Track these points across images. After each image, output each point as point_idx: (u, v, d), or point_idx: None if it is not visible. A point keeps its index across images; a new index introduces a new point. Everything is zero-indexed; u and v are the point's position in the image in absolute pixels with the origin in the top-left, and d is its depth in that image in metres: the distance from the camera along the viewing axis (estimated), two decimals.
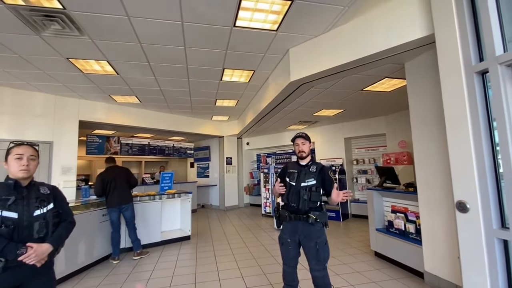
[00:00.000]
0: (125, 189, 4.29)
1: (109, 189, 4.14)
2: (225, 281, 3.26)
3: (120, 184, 4.21)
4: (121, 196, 4.17)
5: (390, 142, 6.50)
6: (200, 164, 10.84)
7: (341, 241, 4.88)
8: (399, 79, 4.10)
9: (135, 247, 4.27)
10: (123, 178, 4.30)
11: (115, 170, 4.36)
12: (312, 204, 2.17)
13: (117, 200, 4.13)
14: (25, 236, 1.45)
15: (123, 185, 4.25)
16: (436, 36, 2.25)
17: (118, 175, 4.27)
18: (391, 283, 3.10)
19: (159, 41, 3.35)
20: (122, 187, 4.23)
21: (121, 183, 4.23)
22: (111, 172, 4.28)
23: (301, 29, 3.21)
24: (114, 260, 4.10)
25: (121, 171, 4.40)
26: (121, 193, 4.18)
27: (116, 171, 4.34)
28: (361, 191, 7.40)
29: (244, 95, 5.80)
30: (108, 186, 4.14)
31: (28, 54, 3.61)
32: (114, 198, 4.12)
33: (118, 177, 4.23)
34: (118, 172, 4.33)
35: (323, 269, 2.13)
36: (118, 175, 4.27)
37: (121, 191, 4.20)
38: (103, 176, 4.23)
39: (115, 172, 4.30)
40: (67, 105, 5.59)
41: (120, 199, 4.15)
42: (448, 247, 2.78)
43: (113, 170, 4.35)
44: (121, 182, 4.23)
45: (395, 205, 3.79)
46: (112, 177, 4.20)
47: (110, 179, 4.18)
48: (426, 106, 3.02)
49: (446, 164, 2.67)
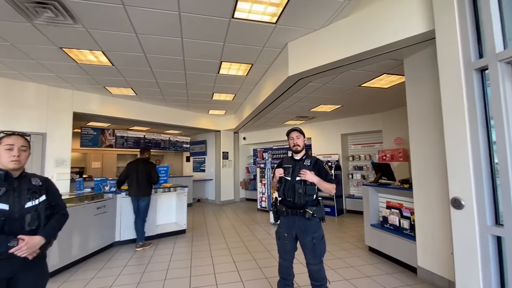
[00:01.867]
0: (144, 183, 4.44)
1: (130, 180, 4.41)
2: (220, 275, 3.26)
3: (140, 178, 4.41)
4: (138, 189, 4.39)
5: (386, 139, 6.54)
6: (196, 158, 10.79)
7: (335, 236, 4.92)
8: (397, 76, 4.09)
9: (139, 238, 4.39)
10: (145, 172, 4.46)
11: (140, 163, 4.55)
12: (308, 197, 2.17)
13: (134, 192, 4.39)
14: (17, 228, 1.41)
15: (143, 179, 4.43)
16: (436, 32, 2.23)
17: (141, 169, 4.46)
18: (384, 277, 3.14)
19: (155, 31, 3.28)
20: (141, 181, 4.42)
21: (141, 177, 4.42)
22: (136, 165, 4.52)
23: (300, 23, 3.17)
24: (137, 247, 4.30)
25: (145, 166, 4.54)
26: (138, 186, 4.39)
27: (140, 165, 4.51)
28: (356, 187, 7.46)
29: (242, 89, 5.75)
30: (130, 177, 4.41)
31: (20, 42, 3.51)
32: (133, 190, 4.39)
33: (140, 171, 4.43)
34: (142, 166, 4.50)
35: (319, 263, 2.14)
36: (141, 169, 4.46)
37: (139, 184, 4.40)
38: (129, 166, 4.51)
39: (139, 166, 4.50)
40: (60, 96, 5.48)
41: (137, 192, 4.39)
42: (441, 243, 2.81)
43: (139, 163, 4.55)
44: (141, 176, 4.42)
45: (390, 201, 3.82)
46: (135, 170, 4.43)
47: (133, 171, 4.42)
48: (424, 103, 3.02)
49: (442, 161, 2.69)
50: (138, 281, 3.13)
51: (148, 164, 4.61)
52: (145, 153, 4.76)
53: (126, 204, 4.62)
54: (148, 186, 4.49)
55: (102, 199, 4.32)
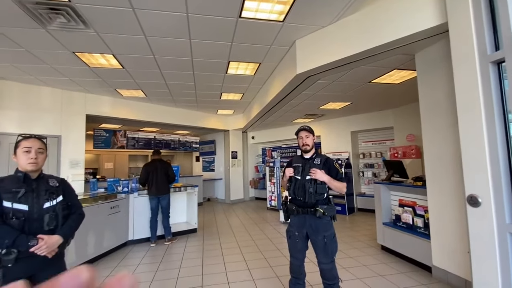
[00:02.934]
0: (163, 181, 4.64)
1: (151, 179, 4.57)
2: (231, 273, 3.29)
3: (160, 177, 4.60)
4: (159, 188, 4.57)
5: (398, 136, 6.41)
6: (206, 158, 10.88)
7: (347, 235, 4.87)
8: (408, 71, 4.00)
9: (167, 233, 4.64)
10: (163, 171, 4.65)
11: (157, 163, 4.72)
12: (319, 196, 2.16)
13: (155, 191, 4.55)
14: (36, 228, 1.46)
15: (162, 178, 4.62)
16: (450, 25, 2.16)
17: (159, 168, 4.65)
18: (398, 276, 3.08)
19: (164, 33, 3.32)
20: (161, 179, 4.60)
21: (161, 176, 4.61)
22: (153, 164, 4.70)
23: (308, 20, 3.14)
24: (152, 243, 4.50)
25: (162, 165, 4.73)
26: (159, 185, 4.57)
27: (158, 164, 4.70)
28: (367, 185, 7.35)
29: (250, 88, 5.75)
30: (149, 177, 4.57)
31: (35, 48, 3.63)
32: (153, 189, 4.55)
33: (158, 170, 4.62)
34: (159, 166, 4.69)
35: (331, 262, 2.13)
36: (160, 168, 4.66)
37: (159, 183, 4.59)
38: (147, 167, 4.69)
39: (157, 165, 4.68)
40: (74, 100, 5.63)
41: (158, 190, 4.56)
42: (457, 242, 2.74)
43: (155, 163, 4.72)
44: (161, 175, 4.61)
45: (402, 199, 3.75)
46: (154, 169, 4.62)
47: (152, 171, 4.60)
48: (437, 98, 2.95)
49: (457, 157, 2.62)
50: (152, 278, 3.20)
51: (165, 164, 4.82)
52: (160, 154, 4.95)
53: (139, 204, 4.72)
54: (166, 184, 4.70)
55: (115, 199, 4.43)
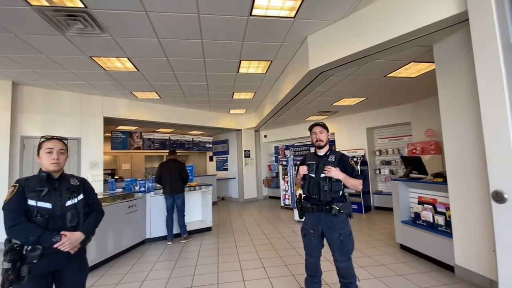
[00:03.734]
0: (177, 181, 4.74)
1: (165, 179, 4.68)
2: (246, 271, 3.30)
3: (174, 177, 4.71)
4: (173, 187, 4.68)
5: (416, 131, 6.19)
6: (219, 158, 10.98)
7: (364, 234, 4.77)
8: (426, 63, 3.85)
9: (182, 232, 4.75)
10: (177, 171, 4.76)
11: (171, 163, 4.84)
12: (334, 194, 2.12)
13: (169, 190, 4.67)
14: (59, 225, 1.53)
15: (176, 177, 4.73)
16: (470, 13, 2.07)
17: (173, 168, 4.76)
18: (419, 276, 2.98)
19: (176, 35, 3.37)
20: (175, 179, 4.71)
21: (174, 176, 4.72)
22: (167, 164, 4.83)
23: (320, 15, 3.09)
24: (168, 242, 4.61)
25: (176, 165, 4.84)
26: (173, 184, 4.68)
27: (172, 164, 4.81)
28: (384, 182, 7.16)
29: (261, 86, 5.74)
30: (163, 176, 4.70)
31: (55, 54, 3.79)
32: (168, 188, 4.68)
33: (172, 170, 4.74)
34: (173, 166, 4.80)
35: (348, 260, 2.08)
36: (173, 168, 4.77)
37: (173, 182, 4.70)
38: (161, 166, 4.82)
39: (171, 165, 4.80)
40: (92, 103, 5.84)
41: (172, 189, 4.67)
42: (481, 240, 2.61)
43: (170, 163, 4.85)
44: (174, 175, 4.72)
45: (422, 196, 3.62)
46: (168, 169, 4.74)
47: (166, 170, 4.73)
48: (457, 91, 2.82)
49: (480, 151, 2.50)
50: (169, 276, 3.26)
51: (179, 164, 4.91)
52: (175, 154, 5.05)
53: (155, 203, 4.83)
54: (181, 183, 4.78)
55: (133, 198, 4.56)
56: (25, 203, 1.48)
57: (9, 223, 1.43)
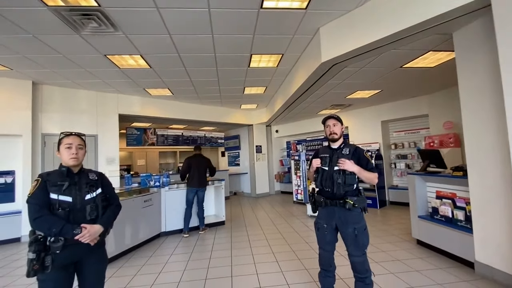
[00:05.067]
0: (204, 175, 4.98)
1: (193, 172, 4.86)
2: (260, 264, 3.33)
3: (201, 171, 4.92)
4: (200, 181, 4.88)
5: (434, 124, 5.97)
6: (231, 153, 11.04)
7: (379, 229, 4.68)
8: (445, 52, 3.68)
9: (201, 224, 4.96)
10: (204, 166, 4.99)
11: (199, 158, 5.05)
12: (348, 187, 2.08)
13: (197, 183, 4.84)
14: (79, 218, 1.59)
15: (202, 172, 4.95)
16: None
17: (200, 163, 4.98)
18: (437, 272, 2.90)
19: (187, 31, 3.38)
20: (202, 174, 4.92)
21: (202, 170, 4.94)
22: (195, 158, 5.02)
23: (333, 5, 3.00)
24: (185, 234, 4.76)
25: (204, 160, 5.06)
26: (200, 179, 4.88)
27: (200, 159, 5.03)
28: (400, 177, 6.98)
29: (273, 81, 5.69)
30: (191, 170, 4.87)
31: (71, 53, 3.90)
32: (194, 181, 4.84)
33: (200, 165, 4.95)
34: (201, 161, 5.02)
35: (363, 255, 2.05)
36: (201, 163, 4.98)
37: (201, 176, 4.91)
38: (190, 160, 4.97)
39: (199, 160, 5.01)
40: (107, 100, 6.00)
41: (199, 183, 4.87)
42: (504, 235, 2.51)
43: (198, 158, 5.05)
44: (202, 170, 4.94)
45: (440, 191, 3.51)
46: (196, 163, 4.93)
47: (194, 164, 4.91)
48: (478, 81, 2.68)
49: (503, 144, 2.38)
50: (184, 268, 3.34)
51: (205, 159, 5.13)
52: (201, 149, 5.27)
53: (170, 198, 4.94)
54: (206, 178, 5.01)
55: (148, 193, 4.67)
56: (47, 197, 1.54)
57: (33, 215, 1.49)
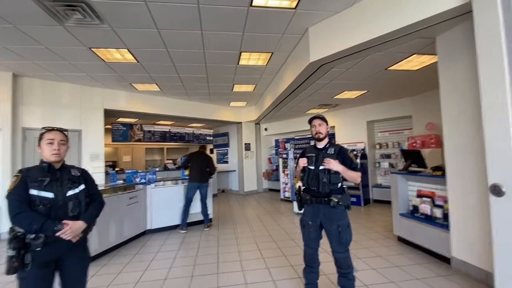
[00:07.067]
0: (205, 171, 5.08)
1: (195, 167, 4.98)
2: (246, 262, 3.36)
3: (202, 167, 5.05)
4: (201, 176, 4.99)
5: (417, 125, 6.18)
6: (219, 150, 11.00)
7: (362, 226, 4.82)
8: (428, 55, 3.81)
9: (206, 220, 5.05)
10: (205, 163, 5.12)
11: (201, 154, 5.22)
12: (332, 186, 2.14)
13: (198, 178, 4.94)
14: (61, 214, 1.55)
15: (203, 168, 5.07)
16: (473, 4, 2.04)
17: (202, 159, 5.12)
18: (415, 267, 3.03)
19: (176, 26, 3.33)
20: (203, 170, 5.04)
21: (203, 167, 5.07)
22: (198, 155, 5.19)
23: (321, 5, 3.05)
24: (182, 230, 4.78)
25: (205, 158, 5.22)
26: (201, 174, 5.00)
27: (202, 156, 5.19)
28: (384, 176, 7.19)
29: (262, 79, 5.71)
30: (194, 165, 4.99)
31: (54, 45, 3.76)
32: (196, 176, 4.95)
33: (202, 161, 5.09)
34: (203, 158, 5.17)
35: (346, 251, 2.12)
36: (202, 159, 5.12)
37: (203, 171, 5.02)
38: (192, 154, 5.20)
39: (201, 157, 5.17)
40: (92, 95, 5.82)
41: (200, 178, 4.97)
42: (478, 233, 2.64)
43: (200, 154, 5.22)
44: (203, 166, 5.07)
45: (421, 190, 3.65)
46: (198, 159, 5.09)
47: (196, 159, 5.07)
48: (458, 84, 2.80)
49: (479, 145, 2.50)
50: (170, 265, 3.32)
51: (208, 157, 5.29)
52: (205, 148, 5.39)
53: (156, 195, 4.87)
54: (207, 174, 5.11)
55: (134, 190, 4.59)
56: (28, 192, 1.50)
57: (14, 211, 1.45)
